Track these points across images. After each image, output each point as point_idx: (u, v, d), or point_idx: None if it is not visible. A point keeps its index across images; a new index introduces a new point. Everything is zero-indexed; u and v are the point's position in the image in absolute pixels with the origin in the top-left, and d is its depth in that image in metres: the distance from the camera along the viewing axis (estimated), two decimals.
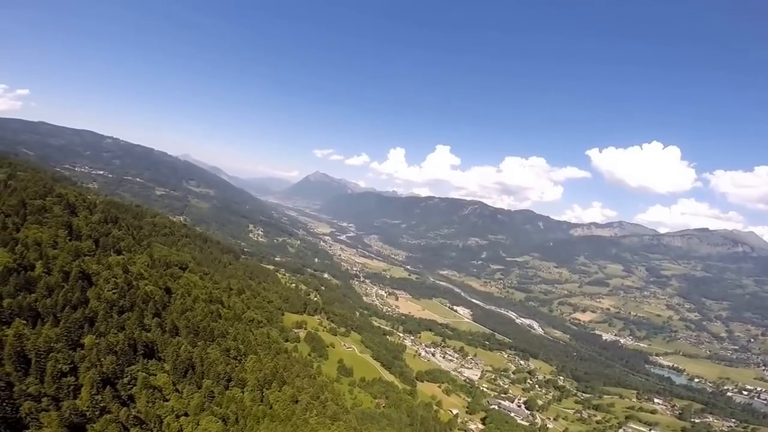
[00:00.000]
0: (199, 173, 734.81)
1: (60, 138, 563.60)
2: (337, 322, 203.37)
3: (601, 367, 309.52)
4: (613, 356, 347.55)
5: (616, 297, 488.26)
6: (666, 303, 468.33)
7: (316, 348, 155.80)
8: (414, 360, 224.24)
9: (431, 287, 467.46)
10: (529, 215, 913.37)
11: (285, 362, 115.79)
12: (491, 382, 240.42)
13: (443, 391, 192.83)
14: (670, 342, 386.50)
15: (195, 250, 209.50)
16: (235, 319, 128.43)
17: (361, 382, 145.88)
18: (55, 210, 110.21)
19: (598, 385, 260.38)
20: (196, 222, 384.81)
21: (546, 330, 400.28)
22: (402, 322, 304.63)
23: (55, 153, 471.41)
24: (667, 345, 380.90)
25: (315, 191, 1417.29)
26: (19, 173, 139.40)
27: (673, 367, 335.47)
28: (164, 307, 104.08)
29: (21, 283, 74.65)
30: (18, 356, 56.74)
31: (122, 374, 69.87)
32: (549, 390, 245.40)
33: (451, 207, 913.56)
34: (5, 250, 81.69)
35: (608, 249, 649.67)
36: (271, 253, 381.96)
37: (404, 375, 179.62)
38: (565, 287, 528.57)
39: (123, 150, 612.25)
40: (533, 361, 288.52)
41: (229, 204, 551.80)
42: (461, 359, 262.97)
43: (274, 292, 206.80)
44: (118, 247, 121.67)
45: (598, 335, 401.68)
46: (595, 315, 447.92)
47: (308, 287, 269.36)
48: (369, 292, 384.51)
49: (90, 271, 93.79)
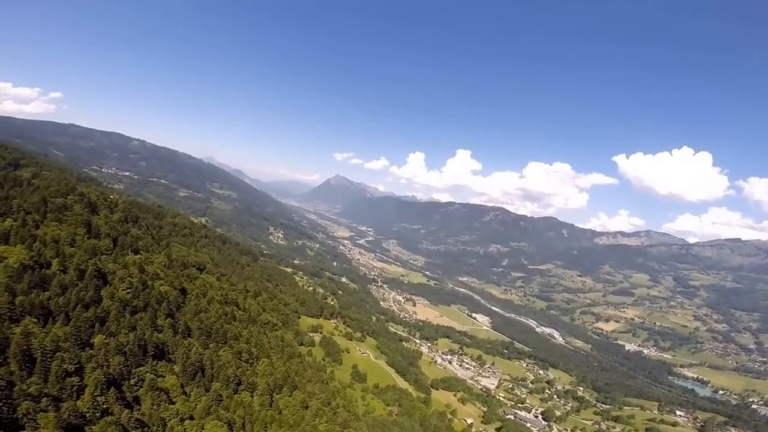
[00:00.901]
0: (222, 175, 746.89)
1: (89, 140, 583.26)
2: (353, 327, 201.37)
3: (622, 378, 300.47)
4: (636, 367, 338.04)
5: (641, 307, 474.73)
6: (693, 314, 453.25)
7: (330, 353, 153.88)
8: (430, 367, 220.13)
9: (450, 294, 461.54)
10: (552, 222, 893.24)
11: (297, 367, 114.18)
12: (508, 391, 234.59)
13: (459, 399, 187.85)
14: (695, 353, 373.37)
15: (214, 251, 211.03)
16: (249, 321, 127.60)
17: (375, 389, 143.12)
18: (76, 208, 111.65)
19: (618, 396, 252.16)
20: (218, 223, 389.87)
21: (567, 339, 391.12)
22: (419, 328, 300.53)
23: (84, 154, 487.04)
24: (693, 356, 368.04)
25: (335, 195, 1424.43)
26: (44, 172, 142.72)
27: (697, 378, 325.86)
28: (178, 308, 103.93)
29: (35, 281, 74.97)
30: (23, 355, 56.46)
31: (129, 375, 69.10)
32: (568, 400, 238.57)
33: (472, 213, 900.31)
34: (23, 247, 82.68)
35: (634, 258, 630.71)
36: (290, 256, 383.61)
37: (419, 382, 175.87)
38: (588, 296, 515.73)
39: (149, 152, 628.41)
40: (552, 371, 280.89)
41: (251, 206, 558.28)
42: (478, 367, 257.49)
43: (291, 295, 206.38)
44: (136, 247, 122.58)
45: (620, 345, 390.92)
46: (619, 325, 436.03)
47: (326, 291, 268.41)
48: (386, 297, 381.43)
49: (106, 270, 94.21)
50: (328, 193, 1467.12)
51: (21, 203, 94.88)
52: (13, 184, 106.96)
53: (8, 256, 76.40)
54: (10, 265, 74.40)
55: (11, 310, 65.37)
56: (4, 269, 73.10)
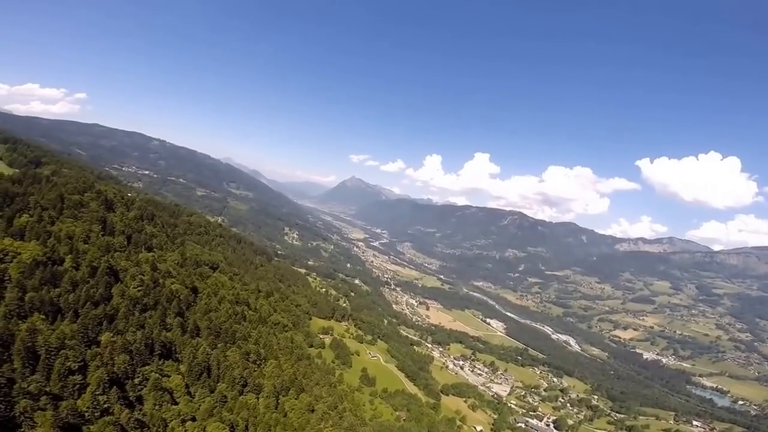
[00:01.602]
0: (240, 176, 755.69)
1: (111, 139, 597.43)
2: (364, 330, 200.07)
3: (639, 387, 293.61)
4: (653, 376, 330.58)
5: (661, 315, 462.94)
6: (716, 322, 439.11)
7: (340, 355, 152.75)
8: (441, 372, 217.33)
9: (464, 298, 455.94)
10: (571, 228, 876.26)
11: (305, 369, 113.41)
12: (520, 398, 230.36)
13: (469, 406, 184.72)
14: (716, 362, 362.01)
15: (228, 250, 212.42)
16: (259, 321, 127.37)
17: (383, 393, 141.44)
18: (92, 205, 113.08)
19: (634, 405, 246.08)
20: (234, 223, 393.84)
21: (583, 347, 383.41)
22: (431, 332, 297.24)
23: (106, 153, 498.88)
24: (713, 365, 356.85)
25: (350, 196, 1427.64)
26: (64, 170, 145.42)
27: (716, 388, 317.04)
28: (188, 307, 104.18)
29: (47, 277, 75.64)
30: (27, 352, 56.60)
31: (134, 374, 68.96)
32: (581, 409, 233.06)
33: (489, 217, 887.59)
34: (38, 243, 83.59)
35: (656, 265, 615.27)
36: (304, 257, 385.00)
37: (429, 387, 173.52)
38: (606, 303, 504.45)
39: (168, 152, 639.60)
40: (567, 379, 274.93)
41: (267, 207, 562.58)
42: (491, 374, 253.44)
43: (304, 296, 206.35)
44: (150, 244, 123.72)
45: (638, 354, 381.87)
46: (637, 333, 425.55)
47: (338, 292, 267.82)
48: (399, 300, 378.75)
49: (118, 267, 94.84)
50: (343, 195, 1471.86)
51: (38, 200, 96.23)
52: (32, 181, 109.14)
53: (22, 252, 77.21)
54: (23, 260, 75.25)
55: (20, 306, 65.82)
56: (17, 265, 73.95)
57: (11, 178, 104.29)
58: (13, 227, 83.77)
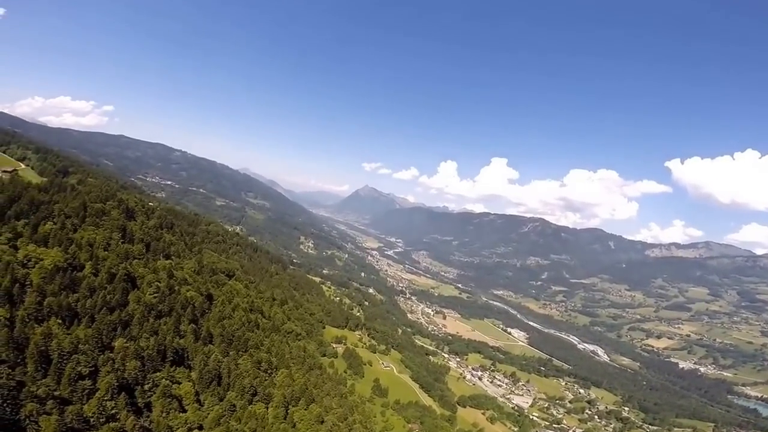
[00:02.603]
0: (257, 186, 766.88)
1: (136, 150, 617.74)
2: (377, 339, 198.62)
3: (674, 398, 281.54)
4: (690, 386, 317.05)
5: (698, 323, 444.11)
6: (761, 329, 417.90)
7: (352, 365, 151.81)
8: (457, 383, 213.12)
9: (483, 307, 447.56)
10: (597, 234, 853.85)
11: (317, 379, 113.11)
12: (543, 411, 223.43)
13: (487, 418, 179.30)
14: (761, 371, 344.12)
15: (244, 258, 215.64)
16: (273, 330, 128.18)
17: (396, 405, 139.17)
18: (113, 214, 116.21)
19: (669, 416, 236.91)
20: (252, 232, 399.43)
21: (612, 357, 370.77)
22: (448, 342, 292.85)
23: (131, 164, 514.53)
24: (758, 374, 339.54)
25: (364, 205, 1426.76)
26: (89, 179, 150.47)
27: (761, 398, 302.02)
28: (203, 314, 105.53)
29: (66, 283, 77.97)
30: (41, 356, 58.10)
31: (144, 381, 69.94)
32: (610, 421, 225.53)
33: (508, 224, 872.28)
34: (59, 249, 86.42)
35: (691, 271, 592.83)
36: (319, 265, 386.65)
37: (444, 399, 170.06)
38: (638, 312, 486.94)
39: (190, 162, 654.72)
40: (595, 390, 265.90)
41: (283, 216, 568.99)
42: (511, 385, 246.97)
43: (317, 305, 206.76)
44: (168, 252, 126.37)
45: (673, 363, 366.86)
46: (672, 342, 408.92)
47: (352, 301, 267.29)
48: (414, 309, 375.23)
49: (136, 274, 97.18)
50: (357, 204, 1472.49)
51: (62, 208, 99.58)
52: (58, 189, 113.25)
53: (44, 258, 79.93)
54: (44, 266, 77.84)
55: (38, 310, 67.90)
56: (38, 270, 76.53)
57: (38, 187, 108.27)
58: (37, 234, 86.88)
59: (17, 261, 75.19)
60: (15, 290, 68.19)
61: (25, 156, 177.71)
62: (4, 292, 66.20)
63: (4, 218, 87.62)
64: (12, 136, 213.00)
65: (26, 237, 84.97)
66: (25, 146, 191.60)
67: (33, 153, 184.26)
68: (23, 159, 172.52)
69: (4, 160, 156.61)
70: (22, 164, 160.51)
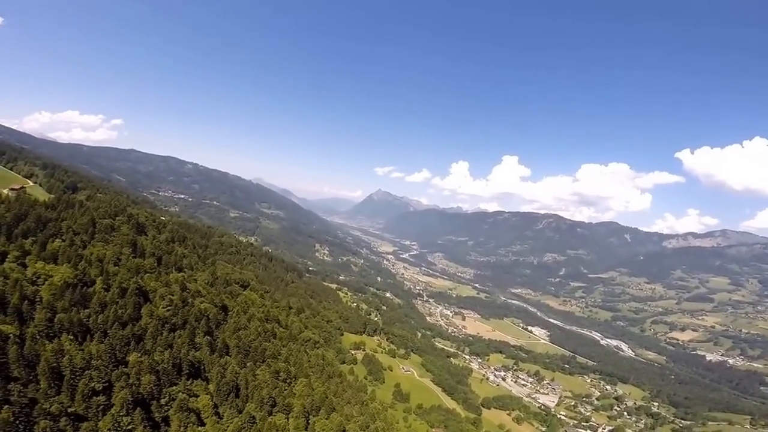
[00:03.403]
0: (270, 196, 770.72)
1: (148, 164, 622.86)
2: (396, 344, 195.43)
3: (704, 391, 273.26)
4: (720, 378, 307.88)
5: (722, 313, 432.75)
6: None
7: (372, 371, 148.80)
8: (481, 385, 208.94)
9: (502, 306, 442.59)
10: (613, 227, 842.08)
11: (337, 387, 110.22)
12: (570, 409, 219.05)
13: (513, 419, 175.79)
14: None
15: (259, 268, 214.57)
16: (290, 339, 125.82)
17: (418, 409, 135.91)
18: (123, 229, 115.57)
19: (701, 411, 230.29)
20: (267, 242, 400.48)
21: (637, 351, 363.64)
22: (469, 343, 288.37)
23: (143, 179, 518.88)
24: None
25: (378, 210, 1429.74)
26: (98, 195, 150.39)
27: None
28: (218, 326, 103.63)
29: (76, 299, 76.55)
30: (52, 372, 56.59)
31: (160, 395, 67.97)
32: (640, 417, 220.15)
33: (522, 221, 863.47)
34: (69, 266, 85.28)
35: (710, 261, 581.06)
36: (335, 272, 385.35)
37: (468, 401, 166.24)
38: (659, 305, 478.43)
39: (202, 175, 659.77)
40: (622, 386, 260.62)
41: (298, 225, 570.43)
42: (536, 384, 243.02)
43: (335, 312, 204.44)
44: (180, 265, 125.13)
45: (700, 356, 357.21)
46: (697, 334, 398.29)
47: (369, 306, 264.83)
48: (433, 311, 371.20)
49: (147, 288, 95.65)
50: (370, 209, 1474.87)
51: (71, 224, 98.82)
52: (66, 206, 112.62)
53: (53, 275, 78.80)
54: (54, 283, 76.64)
55: (49, 327, 66.55)
56: (48, 287, 75.32)
57: (45, 204, 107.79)
58: (46, 252, 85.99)
59: (26, 278, 74.10)
60: (24, 307, 66.87)
61: (33, 173, 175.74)
62: (14, 310, 64.98)
63: (12, 237, 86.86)
64: (19, 152, 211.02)
65: (34, 255, 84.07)
66: (32, 163, 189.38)
67: (40, 169, 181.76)
68: (30, 176, 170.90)
69: (11, 178, 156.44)
70: (29, 181, 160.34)
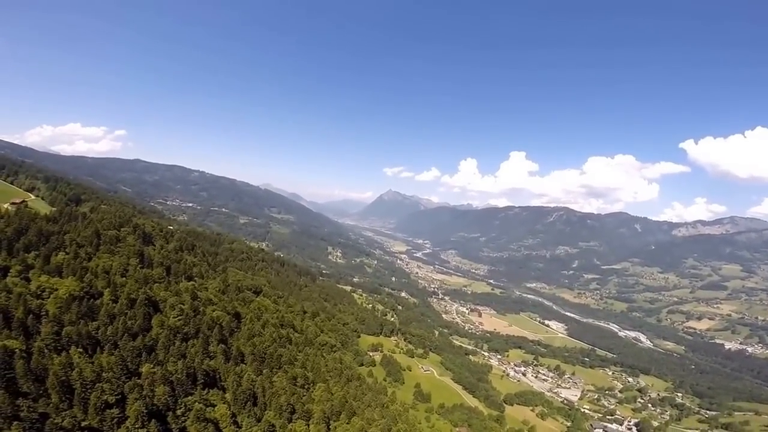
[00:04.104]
0: (280, 200, 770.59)
1: (154, 174, 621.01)
2: (414, 343, 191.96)
3: (727, 380, 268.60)
4: (741, 367, 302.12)
5: (737, 301, 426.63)
6: None
7: (391, 372, 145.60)
8: (501, 381, 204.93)
9: (518, 301, 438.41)
10: (623, 218, 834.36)
11: (356, 390, 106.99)
12: (594, 402, 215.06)
13: (537, 415, 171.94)
14: None
15: (271, 273, 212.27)
16: (306, 344, 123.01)
17: (440, 409, 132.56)
18: (129, 240, 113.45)
19: (725, 400, 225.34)
20: (278, 247, 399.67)
21: (655, 342, 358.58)
22: (486, 340, 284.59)
23: (150, 189, 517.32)
24: None
25: (389, 210, 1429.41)
26: (102, 207, 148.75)
27: None
28: (231, 333, 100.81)
29: (84, 311, 74.30)
30: (62, 386, 54.31)
31: (175, 406, 65.33)
32: (665, 409, 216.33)
33: (533, 215, 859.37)
34: (74, 279, 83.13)
35: (721, 248, 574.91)
36: (349, 274, 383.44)
37: (490, 399, 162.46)
38: (674, 294, 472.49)
39: (209, 182, 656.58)
40: (643, 378, 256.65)
41: (308, 228, 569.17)
42: (557, 378, 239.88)
43: (350, 314, 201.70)
44: (190, 274, 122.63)
45: (719, 344, 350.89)
46: (714, 322, 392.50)
47: (385, 307, 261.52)
48: (449, 309, 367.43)
49: (157, 298, 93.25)
50: (381, 209, 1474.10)
51: (74, 237, 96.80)
52: (69, 218, 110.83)
53: (59, 288, 76.71)
54: (60, 296, 74.55)
55: (56, 340, 64.44)
56: (54, 300, 73.21)
57: (47, 217, 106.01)
58: (49, 265, 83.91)
59: (30, 292, 71.88)
60: (29, 321, 64.65)
61: (34, 186, 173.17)
62: (19, 324, 62.73)
63: (13, 251, 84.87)
64: (20, 166, 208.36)
65: (38, 268, 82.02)
66: (33, 176, 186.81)
67: (42, 183, 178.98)
68: (32, 189, 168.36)
69: (12, 192, 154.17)
70: (31, 195, 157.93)
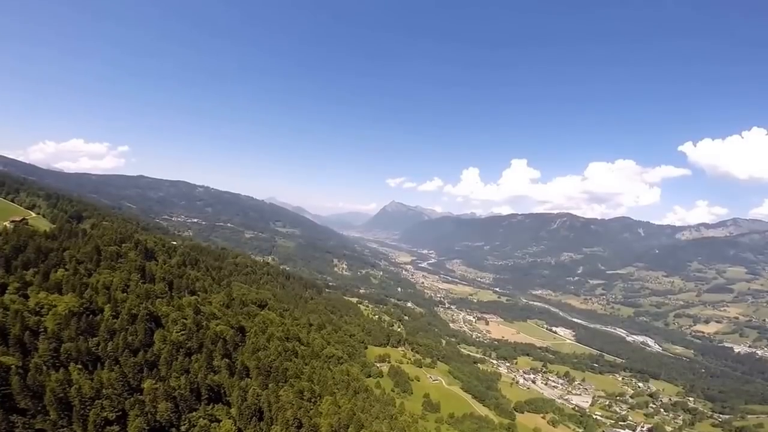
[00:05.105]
0: (284, 214, 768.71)
1: (158, 190, 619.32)
2: (421, 353, 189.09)
3: (738, 384, 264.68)
4: (752, 370, 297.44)
5: (743, 304, 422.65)
6: None
7: (399, 383, 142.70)
8: (511, 389, 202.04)
9: (524, 309, 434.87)
10: (626, 222, 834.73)
11: (364, 403, 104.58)
12: (605, 409, 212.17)
13: (548, 422, 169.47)
14: None
15: (277, 287, 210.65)
16: (312, 356, 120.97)
17: (450, 419, 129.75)
18: (130, 255, 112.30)
19: (738, 404, 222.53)
20: (284, 261, 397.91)
21: (664, 346, 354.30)
22: (494, 348, 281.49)
23: (155, 205, 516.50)
24: None
25: (393, 221, 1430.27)
26: (104, 223, 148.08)
27: None
28: (236, 347, 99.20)
29: (83, 327, 72.94)
30: (60, 403, 52.91)
31: (179, 422, 63.75)
32: (677, 414, 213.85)
33: (536, 222, 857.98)
34: (74, 295, 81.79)
35: (725, 250, 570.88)
36: (355, 286, 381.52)
37: (500, 407, 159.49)
38: (680, 298, 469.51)
39: (213, 197, 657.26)
40: (654, 383, 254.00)
41: (314, 241, 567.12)
42: (567, 385, 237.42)
43: (357, 325, 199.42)
44: (193, 288, 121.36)
45: (728, 348, 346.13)
46: (722, 325, 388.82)
47: (391, 318, 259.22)
48: (456, 318, 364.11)
49: (159, 313, 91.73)
50: (385, 221, 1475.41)
51: (73, 253, 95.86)
52: (69, 235, 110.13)
53: (57, 304, 75.40)
54: (58, 312, 73.19)
55: (54, 357, 63.11)
56: (53, 317, 71.86)
57: (45, 234, 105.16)
58: (48, 282, 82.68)
59: (28, 309, 70.57)
60: (26, 338, 63.32)
61: (35, 203, 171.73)
62: (15, 341, 61.34)
63: (11, 268, 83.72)
64: (21, 183, 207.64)
65: (36, 285, 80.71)
66: (34, 193, 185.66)
67: (43, 200, 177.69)
68: (33, 207, 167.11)
69: (12, 210, 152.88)
70: (32, 212, 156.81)
